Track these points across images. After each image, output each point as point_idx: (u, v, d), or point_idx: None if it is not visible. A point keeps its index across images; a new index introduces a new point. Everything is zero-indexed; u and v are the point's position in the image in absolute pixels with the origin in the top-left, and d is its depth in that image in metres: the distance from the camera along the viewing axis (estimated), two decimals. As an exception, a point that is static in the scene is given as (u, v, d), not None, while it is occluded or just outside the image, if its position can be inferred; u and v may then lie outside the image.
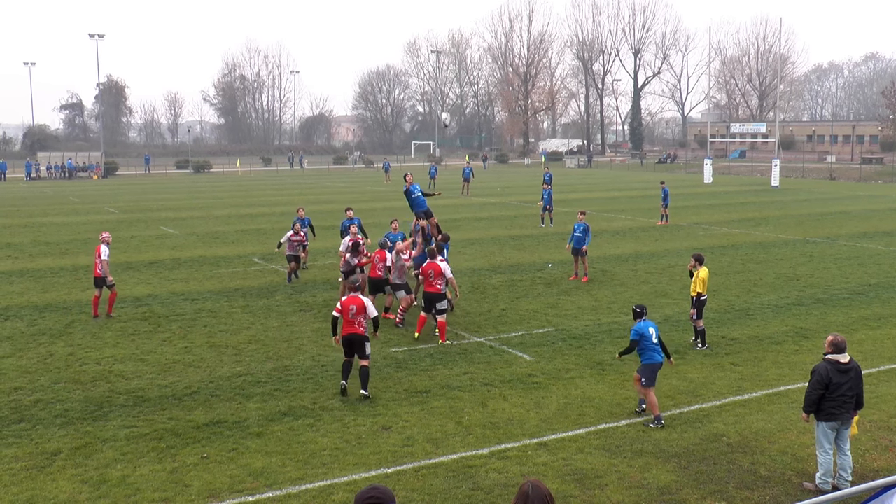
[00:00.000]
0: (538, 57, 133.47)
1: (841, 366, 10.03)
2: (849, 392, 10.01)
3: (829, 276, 24.10)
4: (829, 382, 9.96)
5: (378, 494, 4.78)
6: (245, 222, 39.01)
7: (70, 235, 34.24)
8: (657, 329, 12.64)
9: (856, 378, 10.09)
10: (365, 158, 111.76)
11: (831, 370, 10.01)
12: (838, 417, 10.03)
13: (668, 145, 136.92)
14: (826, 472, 10.10)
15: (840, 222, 38.10)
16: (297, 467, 10.62)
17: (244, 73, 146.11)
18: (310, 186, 67.58)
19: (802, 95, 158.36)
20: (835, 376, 9.98)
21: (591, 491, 9.94)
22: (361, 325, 13.39)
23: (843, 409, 10.02)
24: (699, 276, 16.12)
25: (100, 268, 18.67)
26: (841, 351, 10.09)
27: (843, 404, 10.01)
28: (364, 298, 13.59)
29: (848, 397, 10.02)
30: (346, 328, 13.41)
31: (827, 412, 10.04)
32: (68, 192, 61.38)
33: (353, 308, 13.36)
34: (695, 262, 16.38)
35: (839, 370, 10.01)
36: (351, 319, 13.36)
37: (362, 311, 13.37)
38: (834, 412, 10.01)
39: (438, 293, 16.55)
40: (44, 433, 11.76)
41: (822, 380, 9.98)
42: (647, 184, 62.54)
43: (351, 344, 13.42)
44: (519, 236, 33.35)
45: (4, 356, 15.76)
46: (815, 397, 10.04)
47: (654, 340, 12.36)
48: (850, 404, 10.07)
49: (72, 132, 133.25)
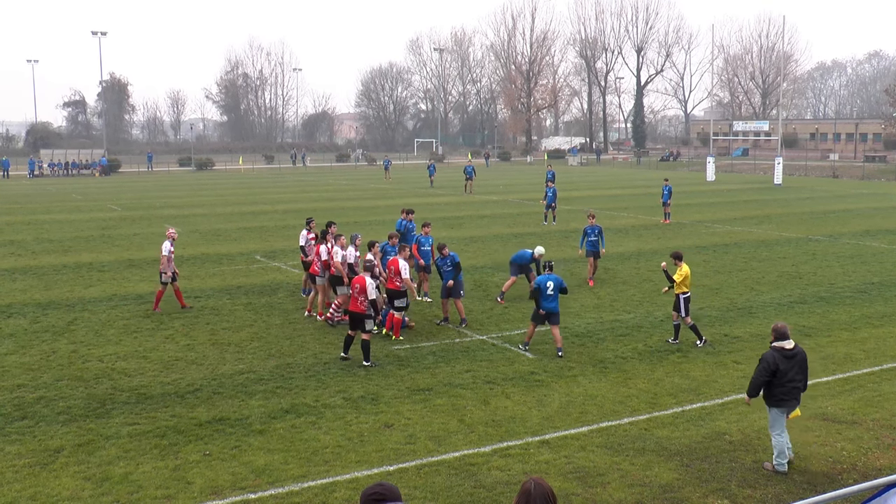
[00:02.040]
0: (541, 54, 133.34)
1: (786, 352, 10.41)
2: (796, 377, 10.39)
3: (831, 274, 24.08)
4: (777, 370, 10.33)
5: (383, 491, 4.79)
6: (247, 220, 39.02)
7: (73, 233, 34.28)
8: (557, 282, 15.56)
9: (801, 363, 10.48)
10: (367, 156, 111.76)
11: (778, 357, 10.37)
12: (788, 403, 10.43)
13: (670, 143, 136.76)
14: (780, 454, 10.48)
15: (843, 220, 38.05)
16: (299, 465, 10.63)
17: (247, 70, 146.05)
18: (312, 184, 67.60)
19: (805, 93, 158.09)
20: (781, 363, 10.35)
21: (594, 489, 9.94)
22: (364, 303, 14.72)
23: (792, 396, 10.40)
24: (682, 272, 16.28)
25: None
26: (785, 338, 10.47)
27: (791, 390, 10.38)
28: (368, 280, 14.80)
29: (796, 382, 10.40)
30: (352, 304, 14.91)
31: (777, 398, 10.40)
32: (71, 190, 61.44)
33: (357, 287, 14.82)
34: (674, 260, 16.57)
35: (785, 356, 10.38)
36: (356, 297, 14.81)
37: (363, 292, 14.71)
38: (784, 398, 10.39)
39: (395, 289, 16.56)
40: (46, 430, 11.78)
41: (768, 367, 10.35)
42: (650, 181, 62.45)
43: (353, 319, 14.84)
44: (521, 234, 33.33)
45: (7, 353, 15.79)
46: (760, 383, 10.45)
47: (549, 292, 15.44)
48: (798, 389, 10.46)
49: (74, 130, 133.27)
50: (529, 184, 64.15)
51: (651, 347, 16.17)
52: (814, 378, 14.21)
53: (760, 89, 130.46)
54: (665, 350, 15.93)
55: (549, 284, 15.53)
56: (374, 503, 4.74)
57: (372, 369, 14.66)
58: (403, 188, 60.54)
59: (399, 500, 4.77)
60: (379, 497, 4.75)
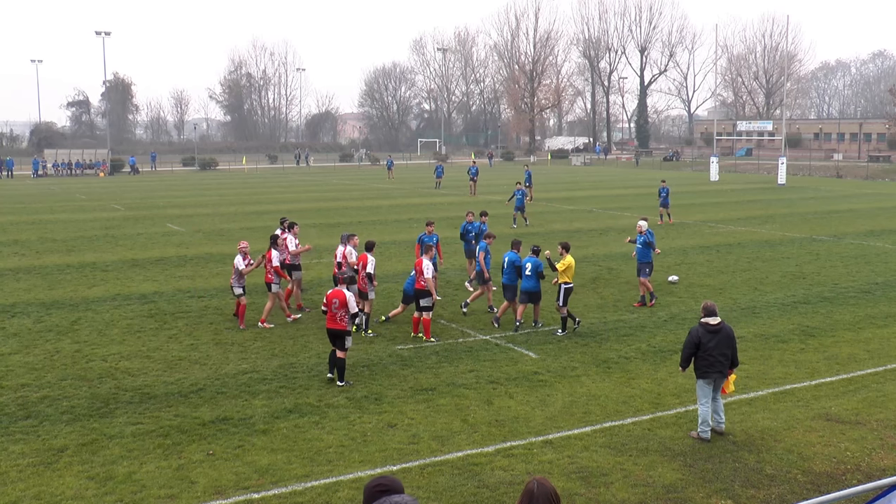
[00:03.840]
0: (544, 54, 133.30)
1: (710, 327, 11.35)
2: (717, 351, 11.26)
3: (835, 274, 24.04)
4: (699, 342, 11.31)
5: (385, 482, 4.82)
6: (251, 219, 39.05)
7: (76, 232, 34.32)
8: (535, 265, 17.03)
9: (725, 339, 11.35)
10: (371, 156, 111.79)
11: (701, 332, 11.36)
12: (710, 374, 11.32)
13: (674, 143, 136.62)
14: (704, 422, 11.36)
15: (847, 220, 37.98)
16: (302, 464, 10.63)
17: (250, 70, 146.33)
18: (316, 184, 67.63)
19: (809, 93, 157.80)
20: (704, 337, 11.31)
21: (597, 489, 9.93)
22: (344, 319, 13.69)
23: (715, 369, 11.29)
24: (566, 262, 17.11)
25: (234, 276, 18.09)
26: (712, 314, 11.47)
27: (713, 363, 11.28)
28: (347, 293, 13.80)
29: (718, 355, 11.27)
30: (329, 322, 13.83)
31: (702, 370, 11.35)
32: (75, 190, 61.52)
33: (336, 302, 13.71)
34: (561, 250, 17.49)
35: (708, 331, 11.33)
36: (333, 313, 13.70)
37: (343, 306, 13.67)
38: (707, 370, 11.31)
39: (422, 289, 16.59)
40: (50, 430, 11.80)
41: (692, 339, 11.38)
42: (653, 181, 62.33)
43: (333, 337, 13.78)
44: (525, 234, 33.30)
45: (11, 353, 15.82)
46: (686, 355, 11.48)
47: (527, 272, 17.06)
48: (721, 363, 11.31)
49: (78, 129, 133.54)
50: (533, 184, 64.18)
51: (654, 347, 16.15)
52: (817, 378, 14.23)
53: (764, 89, 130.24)
54: (669, 350, 15.91)
55: (528, 265, 17.07)
56: (379, 494, 4.76)
57: (375, 369, 14.66)
58: (406, 188, 60.53)
59: (402, 492, 4.79)
60: (383, 489, 4.77)
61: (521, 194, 36.04)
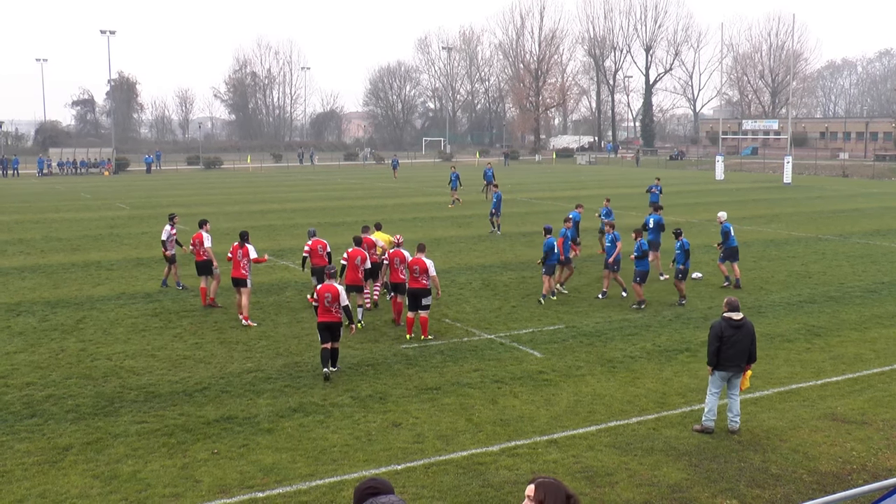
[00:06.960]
0: (549, 53, 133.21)
1: (733, 322, 11.47)
2: (738, 347, 11.37)
3: (841, 273, 23.97)
4: (722, 335, 11.39)
5: (375, 484, 4.84)
6: (255, 219, 39.06)
7: (81, 231, 34.38)
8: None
9: (746, 334, 11.46)
10: (375, 155, 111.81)
11: (724, 325, 11.46)
12: (728, 369, 11.43)
13: (679, 142, 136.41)
14: (710, 411, 11.55)
15: (853, 220, 37.88)
16: (307, 463, 10.63)
17: (255, 69, 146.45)
18: (321, 183, 67.65)
19: (815, 92, 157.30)
20: (726, 331, 11.41)
21: (602, 488, 9.91)
22: (338, 311, 14.09)
23: (733, 363, 11.40)
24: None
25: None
26: (735, 310, 11.60)
27: (732, 357, 11.39)
28: (339, 287, 14.26)
29: (738, 350, 11.37)
30: (323, 315, 14.11)
31: (720, 363, 11.45)
32: (80, 189, 61.63)
33: (329, 296, 14.03)
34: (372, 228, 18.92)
35: (731, 325, 11.44)
36: (327, 307, 14.05)
37: (336, 300, 14.03)
38: (726, 364, 11.41)
39: (424, 288, 16.55)
40: (55, 428, 11.82)
41: (716, 333, 11.45)
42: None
43: (328, 329, 14.10)
44: (529, 233, 33.30)
45: (16, 351, 15.84)
46: (713, 349, 11.46)
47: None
48: (741, 357, 11.43)
49: (83, 128, 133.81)
50: (536, 183, 64.19)
51: (660, 347, 16.12)
52: (823, 378, 14.18)
53: (770, 88, 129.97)
54: (674, 349, 15.89)
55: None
56: (369, 496, 4.77)
57: (380, 368, 14.66)
58: (411, 187, 60.52)
59: (392, 493, 4.80)
60: (373, 491, 4.79)
61: (497, 198, 33.82)
